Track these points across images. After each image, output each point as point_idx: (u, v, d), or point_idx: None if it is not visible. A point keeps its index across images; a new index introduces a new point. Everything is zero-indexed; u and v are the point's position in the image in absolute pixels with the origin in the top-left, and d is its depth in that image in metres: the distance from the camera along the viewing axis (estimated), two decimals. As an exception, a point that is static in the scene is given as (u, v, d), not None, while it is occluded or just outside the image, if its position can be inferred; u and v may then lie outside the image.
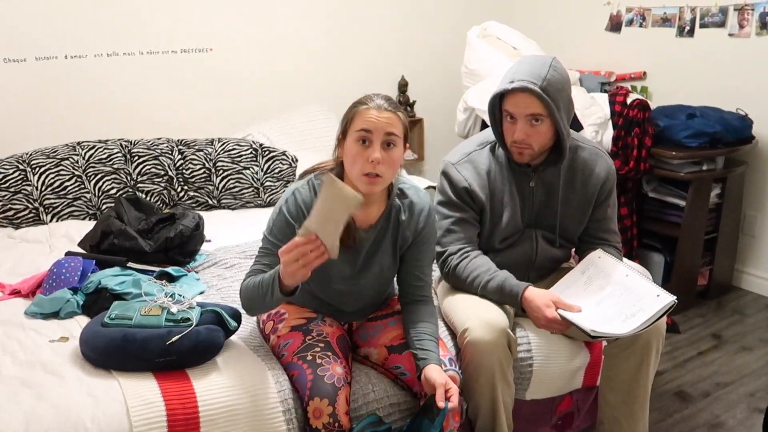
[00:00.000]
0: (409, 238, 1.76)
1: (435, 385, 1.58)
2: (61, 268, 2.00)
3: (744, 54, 3.23)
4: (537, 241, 1.98)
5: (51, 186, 2.75)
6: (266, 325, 1.83)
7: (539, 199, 1.95)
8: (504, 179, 1.92)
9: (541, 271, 2.05)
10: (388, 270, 1.79)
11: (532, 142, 1.81)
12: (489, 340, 1.74)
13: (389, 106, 1.61)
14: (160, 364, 1.59)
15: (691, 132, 3.04)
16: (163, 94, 3.37)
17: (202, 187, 2.99)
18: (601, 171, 1.95)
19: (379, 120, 1.58)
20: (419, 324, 1.74)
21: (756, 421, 2.32)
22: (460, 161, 1.94)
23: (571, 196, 1.95)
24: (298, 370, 1.62)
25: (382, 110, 1.60)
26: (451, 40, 4.10)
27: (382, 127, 1.58)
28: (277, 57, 3.67)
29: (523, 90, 1.76)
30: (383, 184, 1.63)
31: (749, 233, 3.38)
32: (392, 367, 1.76)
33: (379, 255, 1.75)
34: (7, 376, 1.58)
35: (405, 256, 1.79)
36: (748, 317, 3.14)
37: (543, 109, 1.77)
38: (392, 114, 1.60)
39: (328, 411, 1.54)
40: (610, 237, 2.01)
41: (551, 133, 1.83)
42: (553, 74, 1.77)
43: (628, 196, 3.20)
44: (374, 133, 1.58)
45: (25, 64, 3.01)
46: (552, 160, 1.91)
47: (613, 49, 3.78)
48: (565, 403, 2.10)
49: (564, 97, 1.81)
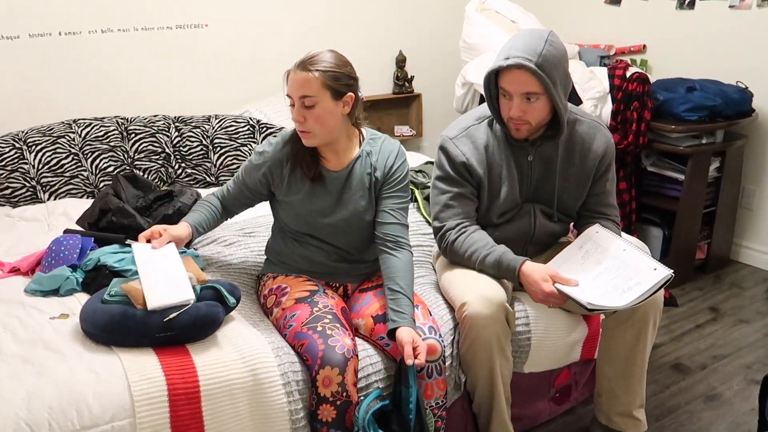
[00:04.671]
0: (381, 177, 1.84)
1: (403, 344, 1.61)
2: (60, 246, 2.00)
3: (745, 26, 3.20)
4: (535, 215, 1.98)
5: (48, 164, 2.74)
6: (268, 299, 1.85)
7: (537, 173, 1.95)
8: (502, 154, 1.92)
9: (540, 246, 2.05)
10: (365, 210, 1.85)
11: (528, 118, 1.81)
12: (487, 314, 1.75)
13: (303, 68, 1.71)
14: (160, 339, 1.59)
15: (691, 105, 3.02)
16: (159, 71, 3.34)
17: (199, 165, 2.98)
18: (599, 145, 1.94)
19: (294, 83, 1.72)
20: (396, 279, 1.75)
21: (752, 392, 2.34)
22: (458, 136, 1.93)
23: (569, 171, 1.95)
24: (308, 339, 1.64)
25: (296, 72, 1.72)
26: (449, 15, 4.06)
27: (295, 90, 1.72)
28: (274, 33, 3.64)
29: (519, 67, 1.74)
30: (317, 138, 1.77)
31: (748, 207, 3.38)
32: (377, 338, 1.78)
33: (352, 192, 1.83)
34: (8, 354, 1.58)
35: (379, 197, 1.86)
36: (745, 290, 3.16)
37: (539, 86, 1.75)
38: (305, 74, 1.70)
39: (337, 380, 1.57)
40: (608, 211, 2.01)
41: (548, 109, 1.82)
42: (549, 49, 1.74)
43: (627, 171, 3.19)
44: (293, 97, 1.73)
45: (19, 41, 2.98)
46: (550, 135, 1.90)
47: (613, 22, 3.75)
48: (563, 376, 2.12)
49: (560, 72, 1.78)
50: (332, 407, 1.58)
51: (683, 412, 2.26)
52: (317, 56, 1.73)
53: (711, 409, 2.27)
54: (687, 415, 2.25)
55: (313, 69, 1.70)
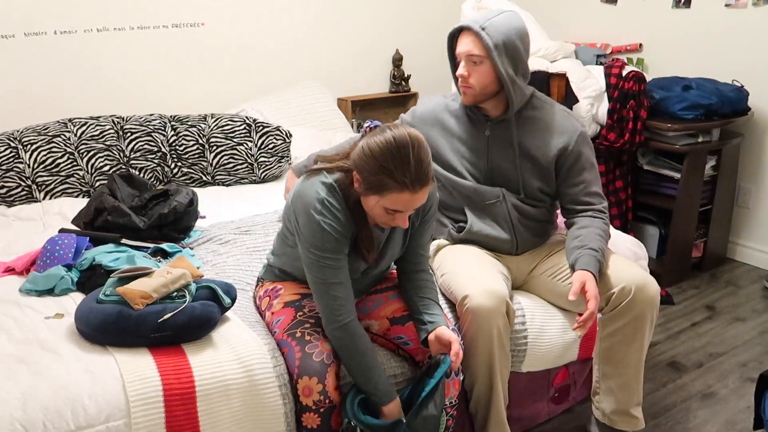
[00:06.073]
0: (417, 221, 1.76)
1: (451, 340, 1.62)
2: (55, 245, 2.00)
3: (740, 25, 3.20)
4: (505, 198, 1.99)
5: (43, 163, 2.73)
6: (262, 301, 1.84)
7: (496, 151, 1.99)
8: (462, 126, 2.03)
9: (528, 231, 2.04)
10: (398, 253, 1.80)
11: (472, 81, 1.90)
12: (489, 306, 1.76)
13: (423, 184, 1.51)
14: (155, 339, 1.59)
15: (687, 104, 3.03)
16: (155, 70, 3.33)
17: (195, 164, 2.97)
18: (566, 131, 1.96)
19: (413, 201, 1.53)
20: (422, 290, 1.76)
21: (748, 390, 2.35)
22: (424, 102, 2.11)
23: (530, 151, 1.97)
24: (287, 347, 1.63)
25: (417, 192, 1.51)
26: (445, 13, 4.06)
27: (414, 206, 1.55)
28: (270, 32, 3.63)
29: (465, 29, 1.88)
30: None
31: (744, 205, 3.39)
32: (394, 338, 1.78)
33: (391, 244, 1.75)
34: (3, 354, 1.58)
35: (410, 237, 1.80)
36: (741, 289, 3.16)
37: (481, 48, 1.85)
38: (425, 189, 1.53)
39: (317, 389, 1.55)
40: (593, 200, 2.00)
41: (492, 75, 1.89)
42: (501, 19, 1.86)
43: (623, 169, 3.20)
44: (405, 211, 1.56)
45: (14, 39, 2.97)
46: (508, 115, 1.96)
47: (609, 21, 3.75)
48: (561, 375, 2.12)
49: (509, 43, 1.85)
50: (316, 415, 1.56)
51: (679, 410, 2.26)
52: (421, 166, 1.51)
53: (707, 406, 2.28)
54: (683, 413, 2.25)
55: (428, 183, 1.55)
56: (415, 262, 1.80)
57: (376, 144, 1.50)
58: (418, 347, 1.74)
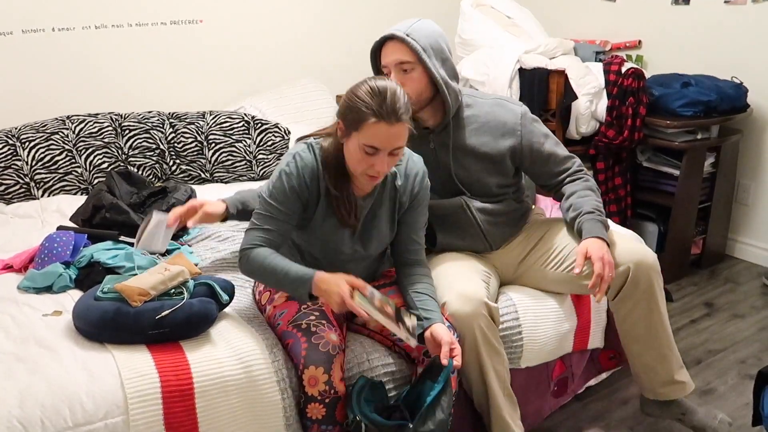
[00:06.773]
0: (406, 202, 1.78)
1: (441, 343, 1.61)
2: (53, 243, 1.99)
3: (740, 21, 3.20)
4: (468, 205, 1.98)
5: (41, 161, 2.72)
6: (263, 296, 1.84)
7: (445, 160, 1.96)
8: (407, 145, 1.91)
9: (499, 228, 2.03)
10: (386, 236, 1.81)
11: (407, 90, 1.79)
12: (467, 311, 1.77)
13: (398, 118, 1.56)
14: (153, 336, 1.59)
15: (686, 101, 3.02)
16: (153, 67, 3.32)
17: (194, 161, 2.97)
18: (508, 118, 1.96)
19: (389, 137, 1.56)
20: (418, 285, 1.77)
21: (746, 387, 2.35)
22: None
23: (480, 151, 1.95)
24: (292, 338, 1.64)
25: (392, 124, 1.55)
26: (445, 10, 4.04)
27: (390, 143, 1.58)
28: (269, 29, 3.62)
29: (390, 39, 1.87)
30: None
31: (743, 202, 3.39)
32: (390, 335, 1.77)
33: (377, 221, 1.76)
34: (1, 352, 1.58)
35: (401, 220, 1.81)
36: (740, 285, 3.16)
37: (410, 54, 1.84)
38: (401, 125, 1.57)
39: (323, 379, 1.56)
40: (566, 166, 2.01)
41: (425, 80, 1.87)
42: (421, 24, 1.89)
43: (623, 166, 3.19)
44: (381, 150, 1.58)
45: (12, 36, 2.96)
46: (447, 122, 1.93)
47: (608, 18, 3.74)
48: (558, 368, 2.12)
49: (435, 45, 1.87)
50: (321, 405, 1.57)
51: (678, 407, 2.26)
52: (396, 101, 1.57)
53: (706, 403, 2.28)
54: (682, 410, 2.25)
55: (405, 118, 1.59)
56: (409, 251, 1.81)
57: (357, 85, 1.62)
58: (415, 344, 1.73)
